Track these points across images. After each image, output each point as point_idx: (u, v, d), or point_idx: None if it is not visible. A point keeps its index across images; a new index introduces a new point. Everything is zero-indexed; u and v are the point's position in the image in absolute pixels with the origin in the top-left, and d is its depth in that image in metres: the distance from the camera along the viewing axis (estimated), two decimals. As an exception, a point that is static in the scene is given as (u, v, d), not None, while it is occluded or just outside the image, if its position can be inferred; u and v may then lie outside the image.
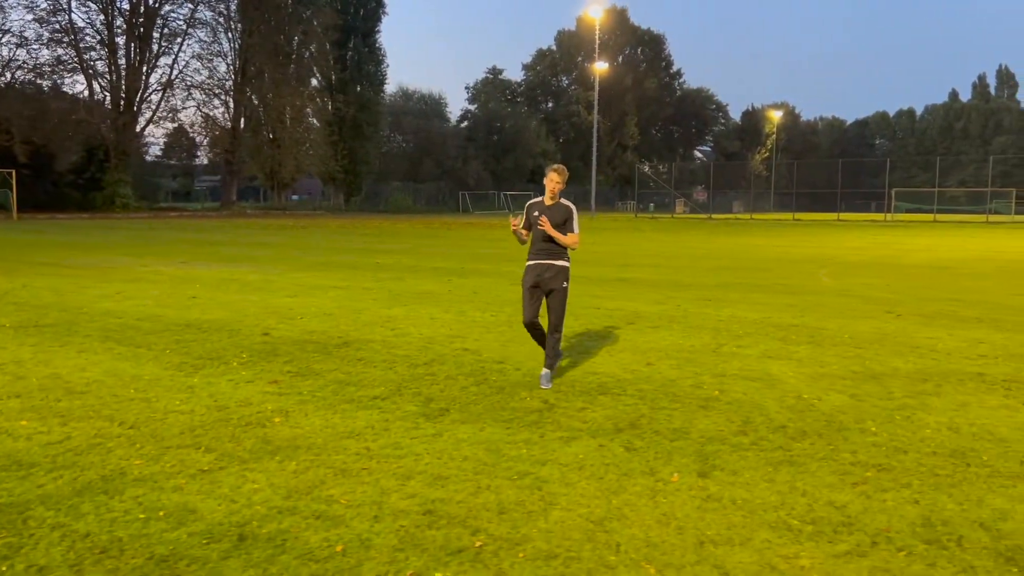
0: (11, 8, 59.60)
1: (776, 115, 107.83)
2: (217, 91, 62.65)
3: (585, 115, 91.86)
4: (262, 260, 18.56)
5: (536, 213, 6.46)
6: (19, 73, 54.40)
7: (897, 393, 6.41)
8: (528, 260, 6.58)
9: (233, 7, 62.71)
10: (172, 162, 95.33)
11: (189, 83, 60.72)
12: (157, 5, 57.87)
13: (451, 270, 16.22)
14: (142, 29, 57.39)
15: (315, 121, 71.26)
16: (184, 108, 63.84)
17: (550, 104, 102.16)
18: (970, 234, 37.15)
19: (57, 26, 54.48)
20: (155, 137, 73.26)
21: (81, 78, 56.67)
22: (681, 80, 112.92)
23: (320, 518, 3.85)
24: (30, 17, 63.60)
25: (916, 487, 4.34)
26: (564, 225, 6.48)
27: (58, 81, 56.45)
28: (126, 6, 56.87)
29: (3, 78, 53.74)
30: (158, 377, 6.68)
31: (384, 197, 75.15)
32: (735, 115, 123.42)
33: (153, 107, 59.69)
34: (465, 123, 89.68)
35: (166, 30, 59.11)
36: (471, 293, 12.43)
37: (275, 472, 4.47)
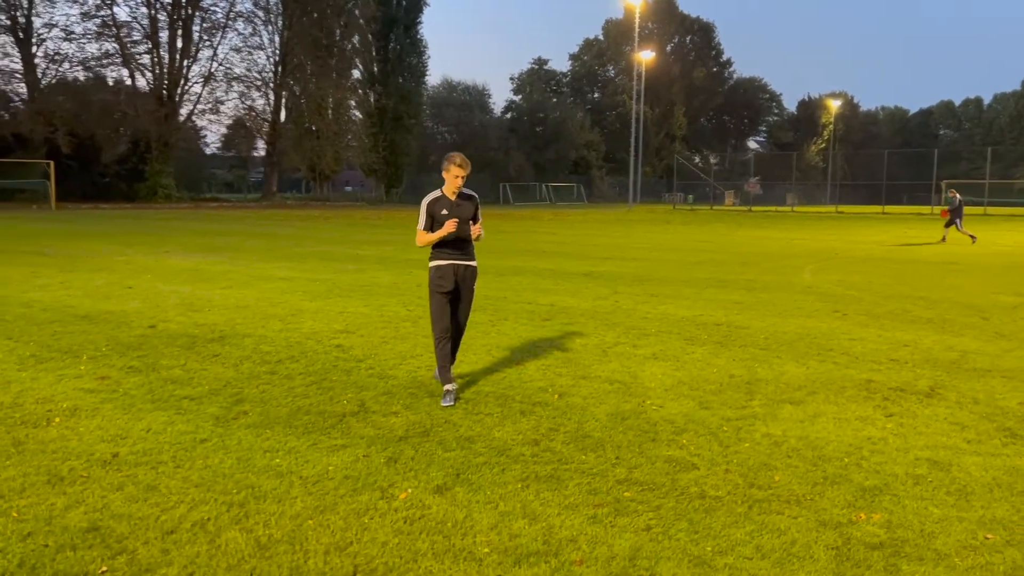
0: (57, 3, 60.87)
1: (834, 104, 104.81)
2: (257, 83, 63.48)
3: (631, 105, 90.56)
4: (245, 250, 18.53)
5: (444, 212, 5.69)
6: (65, 66, 55.91)
7: (755, 402, 5.87)
8: (437, 260, 5.82)
9: (273, 1, 63.37)
10: (230, 154, 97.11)
11: (229, 75, 61.66)
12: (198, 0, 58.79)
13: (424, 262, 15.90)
14: (184, 22, 58.39)
15: (357, 113, 71.76)
16: (227, 100, 64.52)
17: (596, 94, 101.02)
18: (1013, 227, 35.33)
19: (101, 20, 55.79)
20: (211, 130, 74.61)
21: (125, 71, 57.90)
22: (732, 69, 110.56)
23: (-31, 531, 3.57)
24: (73, 11, 65.32)
25: (665, 512, 3.86)
26: (474, 217, 5.85)
27: (103, 74, 57.84)
28: (168, 0, 57.88)
29: (50, 71, 55.27)
30: (-8, 371, 6.52)
31: (424, 188, 75.26)
32: (790, 105, 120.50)
33: (194, 99, 60.79)
34: (509, 114, 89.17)
35: (207, 23, 60.07)
36: (415, 286, 12.10)
37: (-14, 477, 4.21)
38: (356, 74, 71.31)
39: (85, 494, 4.01)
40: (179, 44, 58.56)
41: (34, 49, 54.38)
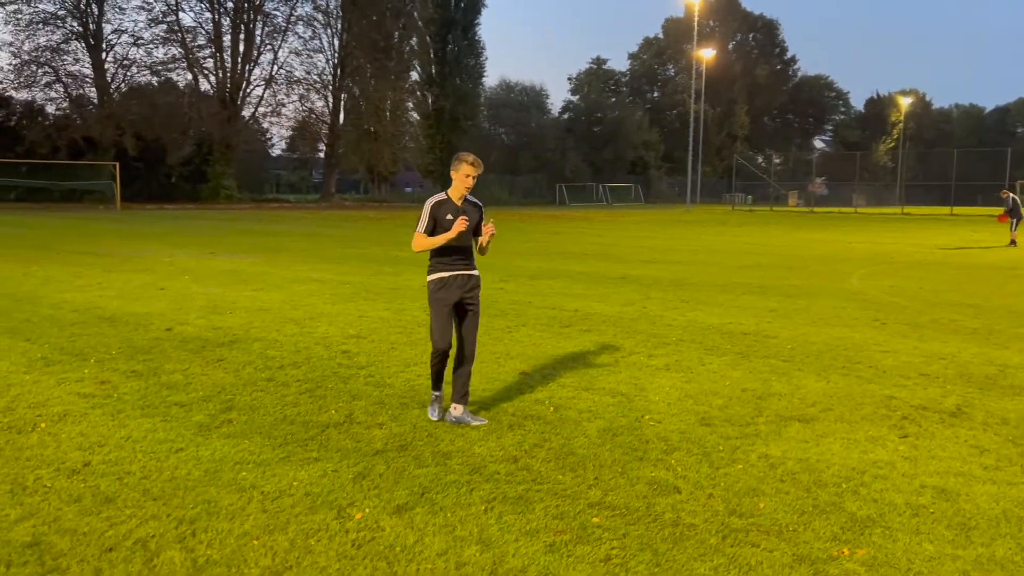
0: (125, 10, 62.80)
1: (905, 102, 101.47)
2: (317, 86, 64.45)
3: (691, 104, 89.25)
4: (289, 251, 18.68)
5: (449, 216, 5.23)
6: (133, 70, 57.64)
7: (761, 419, 5.55)
8: (438, 272, 5.31)
9: (333, 3, 64.30)
10: (293, 155, 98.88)
11: (290, 78, 62.76)
12: (260, 3, 59.98)
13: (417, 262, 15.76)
14: (246, 26, 59.66)
15: (415, 114, 72.30)
16: (288, 103, 65.75)
17: (656, 94, 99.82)
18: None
19: (167, 26, 57.36)
20: (273, 132, 76.16)
21: (189, 75, 59.41)
22: (796, 66, 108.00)
23: (-87, 543, 3.53)
24: (140, 17, 67.21)
25: (630, 541, 3.62)
26: (478, 227, 5.38)
27: (169, 78, 59.46)
28: (230, 5, 59.21)
29: (119, 76, 57.04)
30: (-1, 373, 6.60)
31: (479, 190, 75.46)
32: (858, 103, 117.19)
33: (255, 102, 62.06)
34: (566, 115, 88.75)
35: (268, 27, 61.23)
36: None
37: (-49, 485, 4.20)
38: (414, 76, 71.85)
39: (41, 505, 3.95)
40: (241, 48, 59.84)
41: (104, 55, 56.20)
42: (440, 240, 5.24)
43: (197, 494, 4.11)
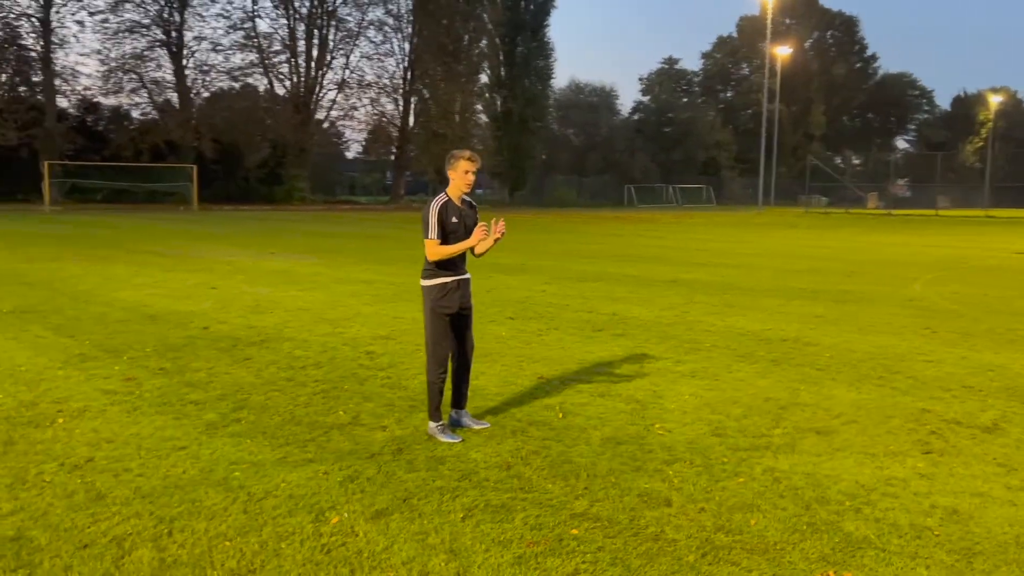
0: (206, 18, 65.05)
1: (995, 100, 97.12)
2: (387, 89, 65.41)
3: (764, 103, 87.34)
4: (344, 252, 18.96)
5: (455, 220, 5.07)
6: (212, 75, 59.52)
7: (778, 430, 5.34)
8: (440, 278, 5.15)
9: (404, 8, 65.17)
10: (366, 158, 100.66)
11: (361, 82, 63.83)
12: (333, 9, 61.23)
13: (511, 266, 15.74)
14: (320, 32, 60.97)
15: (483, 116, 72.71)
16: (360, 106, 66.90)
17: (729, 93, 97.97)
18: None
19: (244, 33, 59.06)
20: (345, 135, 77.53)
21: (264, 80, 61.03)
22: (877, 64, 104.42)
23: (-95, 533, 3.66)
24: (219, 24, 69.28)
25: (604, 555, 3.50)
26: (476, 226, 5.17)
27: (246, 84, 61.21)
28: (304, 10, 60.57)
29: (198, 81, 58.99)
30: (34, 367, 6.84)
31: (547, 191, 75.31)
32: (943, 102, 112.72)
33: (327, 106, 63.36)
34: (636, 115, 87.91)
35: (341, 32, 62.42)
36: (483, 292, 11.95)
37: (-42, 477, 4.34)
38: (483, 78, 72.25)
39: (35, 500, 4.06)
40: (315, 53, 61.16)
41: (184, 61, 58.18)
42: (460, 248, 5.08)
43: (185, 493, 4.16)
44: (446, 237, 5.11)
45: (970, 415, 5.74)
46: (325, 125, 65.99)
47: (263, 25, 59.72)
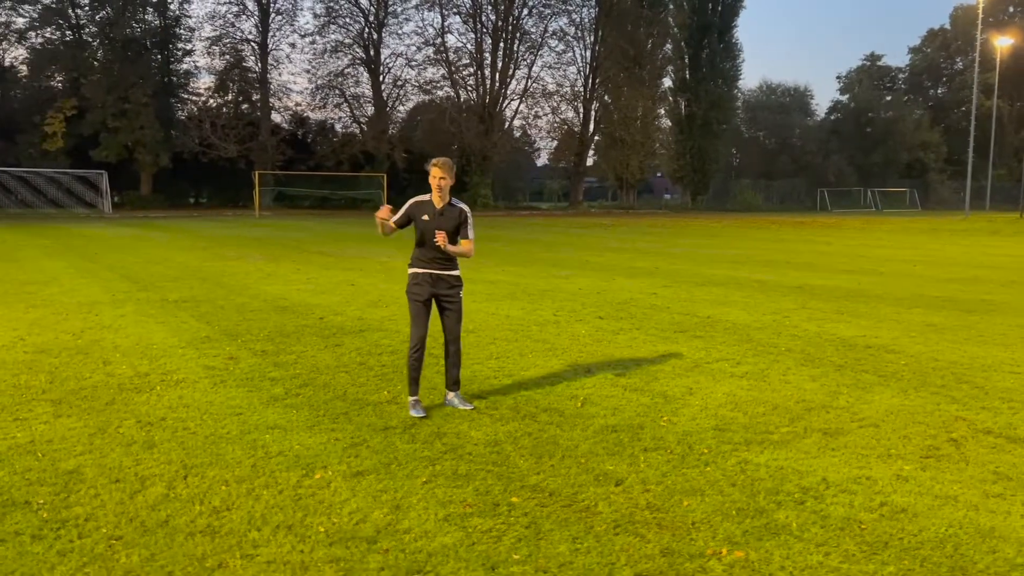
0: (398, 36, 69.32)
1: None
2: (568, 97, 66.58)
3: (982, 100, 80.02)
4: (493, 255, 19.86)
5: (425, 217, 5.67)
6: (406, 89, 63.40)
7: (784, 429, 5.41)
8: (414, 267, 5.81)
9: (587, 17, 66.09)
10: (560, 165, 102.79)
11: (543, 91, 65.45)
12: (519, 21, 63.27)
13: (641, 269, 15.93)
14: (505, 44, 63.20)
15: (666, 120, 72.20)
16: (542, 115, 68.55)
17: (940, 90, 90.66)
18: None
19: (435, 48, 62.44)
20: (528, 143, 79.68)
21: (451, 92, 64.07)
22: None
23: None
24: (413, 41, 73.26)
25: (523, 521, 3.90)
26: (458, 232, 5.77)
27: (435, 97, 64.63)
28: (490, 24, 63.02)
29: (392, 95, 63.02)
30: (164, 345, 8.08)
31: (732, 195, 73.38)
32: None
33: (510, 115, 65.49)
34: (833, 116, 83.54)
35: (525, 44, 64.36)
36: (594, 294, 12.32)
37: (49, 416, 5.41)
38: (666, 82, 71.72)
39: (103, 445, 5.01)
40: (499, 64, 63.47)
41: (381, 77, 62.38)
42: (378, 223, 5.68)
43: (216, 448, 4.97)
44: (405, 224, 5.77)
45: (1009, 426, 5.48)
46: (508, 134, 68.10)
47: (451, 39, 62.94)
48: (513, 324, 9.47)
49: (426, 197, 5.79)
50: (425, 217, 5.72)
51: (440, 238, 5.62)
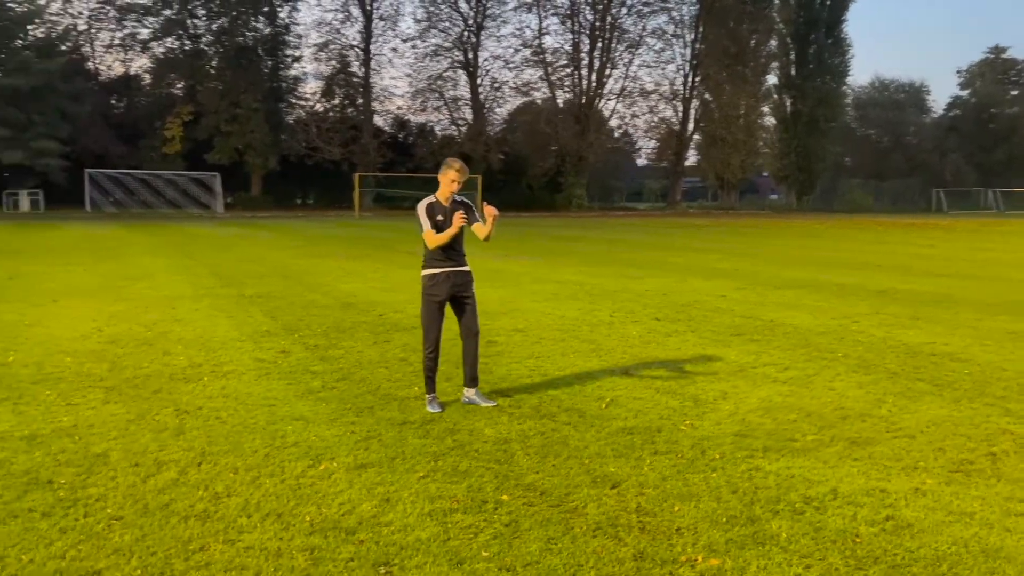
0: (496, 39, 70.00)
1: None
2: (667, 96, 65.65)
3: (1121, 93, 74.31)
4: (570, 255, 19.82)
5: (440, 217, 5.82)
6: (504, 90, 63.93)
7: (809, 437, 5.21)
8: (431, 268, 5.87)
9: (687, 14, 65.00)
10: (659, 164, 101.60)
11: (641, 90, 64.74)
12: (617, 20, 62.83)
13: (719, 270, 15.56)
14: (603, 43, 62.85)
15: (771, 118, 70.25)
16: (640, 115, 67.89)
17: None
18: None
19: (532, 50, 62.69)
20: (624, 142, 78.95)
21: (548, 93, 64.21)
22: None
23: (31, 442, 5.04)
24: (510, 44, 73.66)
25: (504, 520, 3.90)
26: (469, 221, 5.88)
27: (531, 98, 64.91)
28: (587, 22, 62.82)
29: (490, 97, 63.66)
30: (225, 338, 8.45)
31: (840, 195, 70.61)
32: None
33: (607, 115, 65.05)
34: (952, 112, 79.24)
35: (623, 42, 63.84)
36: (660, 295, 12.13)
37: (99, 402, 5.75)
38: (771, 79, 69.74)
39: (136, 431, 5.29)
40: (596, 64, 63.18)
41: (479, 80, 63.09)
42: (447, 236, 5.74)
43: (238, 436, 5.18)
44: (438, 229, 5.80)
45: (1060, 441, 5.10)
46: (604, 134, 67.71)
47: (548, 40, 63.05)
48: (565, 324, 9.44)
49: (432, 199, 5.90)
50: (440, 217, 5.85)
51: (459, 218, 5.73)
